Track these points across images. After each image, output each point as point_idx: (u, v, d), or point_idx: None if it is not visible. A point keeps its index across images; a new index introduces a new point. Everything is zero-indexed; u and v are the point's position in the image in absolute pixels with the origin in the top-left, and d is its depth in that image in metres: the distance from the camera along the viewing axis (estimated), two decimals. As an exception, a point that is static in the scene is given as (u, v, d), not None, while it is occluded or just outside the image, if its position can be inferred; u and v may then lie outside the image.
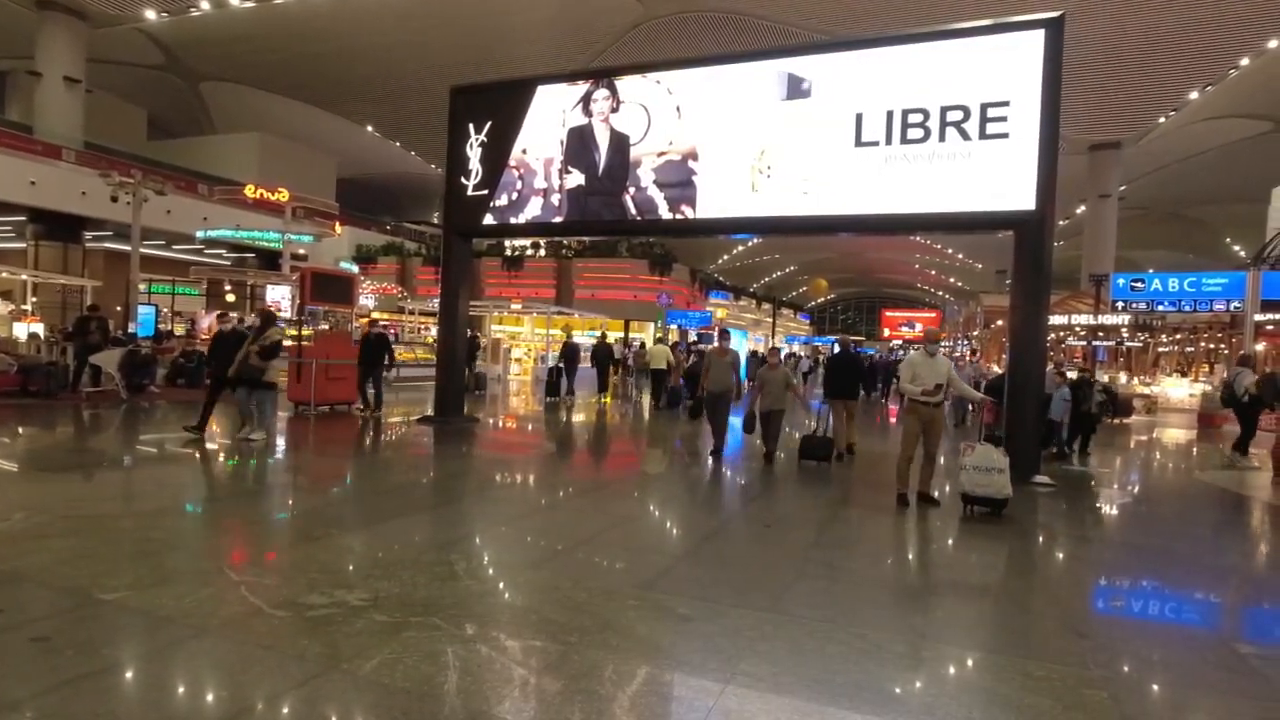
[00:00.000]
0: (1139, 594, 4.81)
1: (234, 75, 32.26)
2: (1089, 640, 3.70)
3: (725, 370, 9.21)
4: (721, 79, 9.78)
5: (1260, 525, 7.21)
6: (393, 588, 3.89)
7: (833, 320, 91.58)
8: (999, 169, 8.18)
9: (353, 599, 3.69)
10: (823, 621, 3.74)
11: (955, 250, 52.36)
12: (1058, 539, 6.15)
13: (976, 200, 8.29)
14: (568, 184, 10.71)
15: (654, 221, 10.29)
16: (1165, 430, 16.55)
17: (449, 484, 7.52)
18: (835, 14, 23.93)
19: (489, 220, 11.31)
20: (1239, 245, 42.94)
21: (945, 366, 6.99)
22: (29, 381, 11.84)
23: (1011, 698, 2.99)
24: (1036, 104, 8.01)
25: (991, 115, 8.22)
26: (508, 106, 11.16)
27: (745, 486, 7.64)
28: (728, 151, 9.61)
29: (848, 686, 3.01)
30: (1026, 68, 8.08)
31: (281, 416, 11.39)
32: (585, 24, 26.52)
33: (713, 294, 41.66)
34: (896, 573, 4.98)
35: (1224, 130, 30.23)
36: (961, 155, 8.34)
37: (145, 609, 3.46)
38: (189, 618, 3.37)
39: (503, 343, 23.34)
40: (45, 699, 2.60)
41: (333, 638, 3.22)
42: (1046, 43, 8.02)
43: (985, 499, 6.33)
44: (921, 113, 8.53)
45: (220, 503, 6.06)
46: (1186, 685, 3.25)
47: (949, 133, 8.39)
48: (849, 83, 8.99)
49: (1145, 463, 11.66)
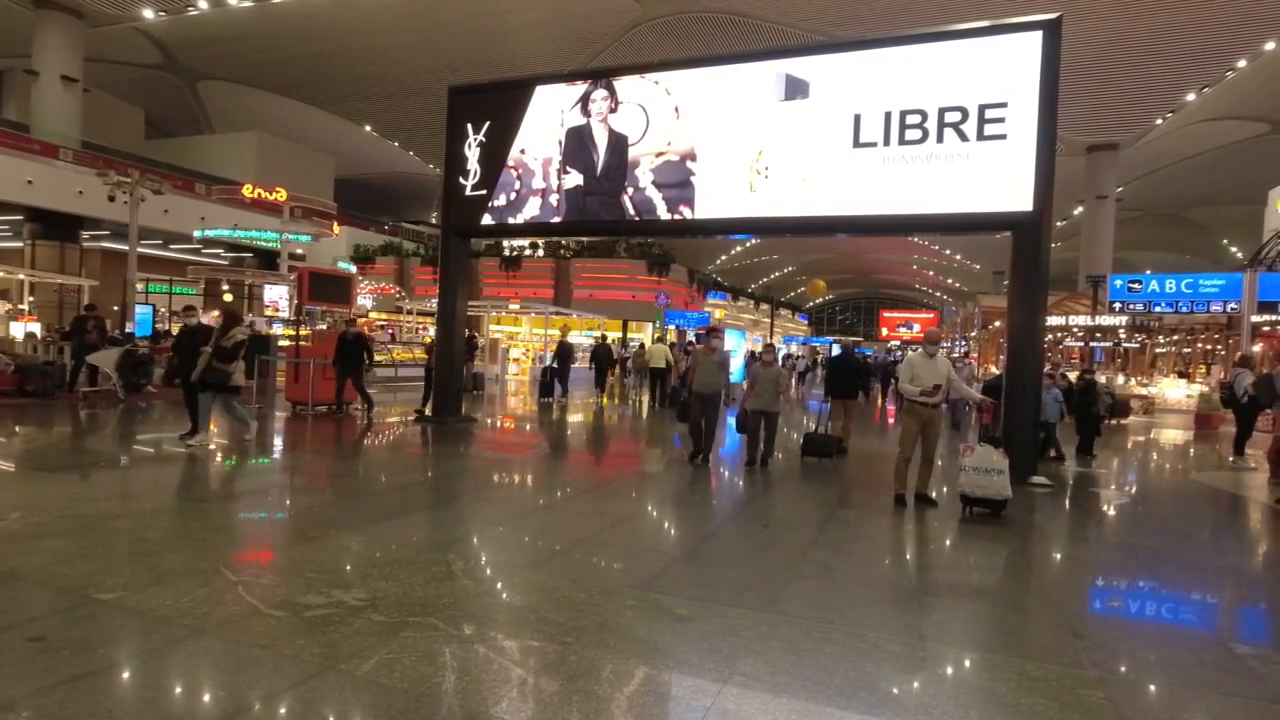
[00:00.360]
0: (1136, 595, 4.82)
1: (232, 75, 32.23)
2: (1086, 640, 3.71)
3: (713, 370, 8.73)
4: (720, 80, 9.78)
5: (1257, 526, 7.23)
6: (390, 587, 3.89)
7: (831, 321, 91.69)
8: (997, 170, 8.20)
9: (350, 599, 3.69)
10: (820, 622, 3.74)
11: (953, 251, 52.44)
12: (1055, 540, 6.16)
13: (974, 201, 8.31)
14: (566, 184, 10.70)
15: (652, 222, 10.29)
16: (1163, 431, 16.58)
17: (446, 484, 7.51)
18: (834, 15, 23.95)
19: (487, 220, 11.30)
20: (1236, 247, 43.06)
21: (945, 367, 7.00)
22: (26, 381, 11.82)
23: (1008, 698, 2.99)
24: (1034, 105, 8.03)
25: (989, 116, 8.23)
26: (506, 106, 11.16)
27: (743, 487, 7.64)
28: (726, 152, 9.62)
29: (845, 686, 3.02)
30: (1024, 69, 8.10)
31: (279, 416, 11.40)
32: (584, 24, 26.52)
33: (711, 294, 41.68)
34: (894, 573, 4.98)
35: (1221, 132, 30.31)
36: (960, 156, 8.36)
37: (142, 609, 3.46)
38: (185, 617, 3.37)
39: (501, 343, 23.34)
40: (41, 699, 2.59)
41: (330, 638, 3.22)
42: (1044, 44, 8.04)
43: (984, 500, 6.34)
44: (920, 114, 8.54)
45: (216, 502, 6.05)
46: (1183, 685, 3.26)
47: (947, 134, 8.40)
48: (847, 84, 9.00)
49: (1142, 463, 11.68)
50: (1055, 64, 8.04)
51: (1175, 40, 23.64)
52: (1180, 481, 10.02)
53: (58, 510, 5.12)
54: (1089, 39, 22.55)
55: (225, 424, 9.30)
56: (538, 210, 10.92)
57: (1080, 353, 32.18)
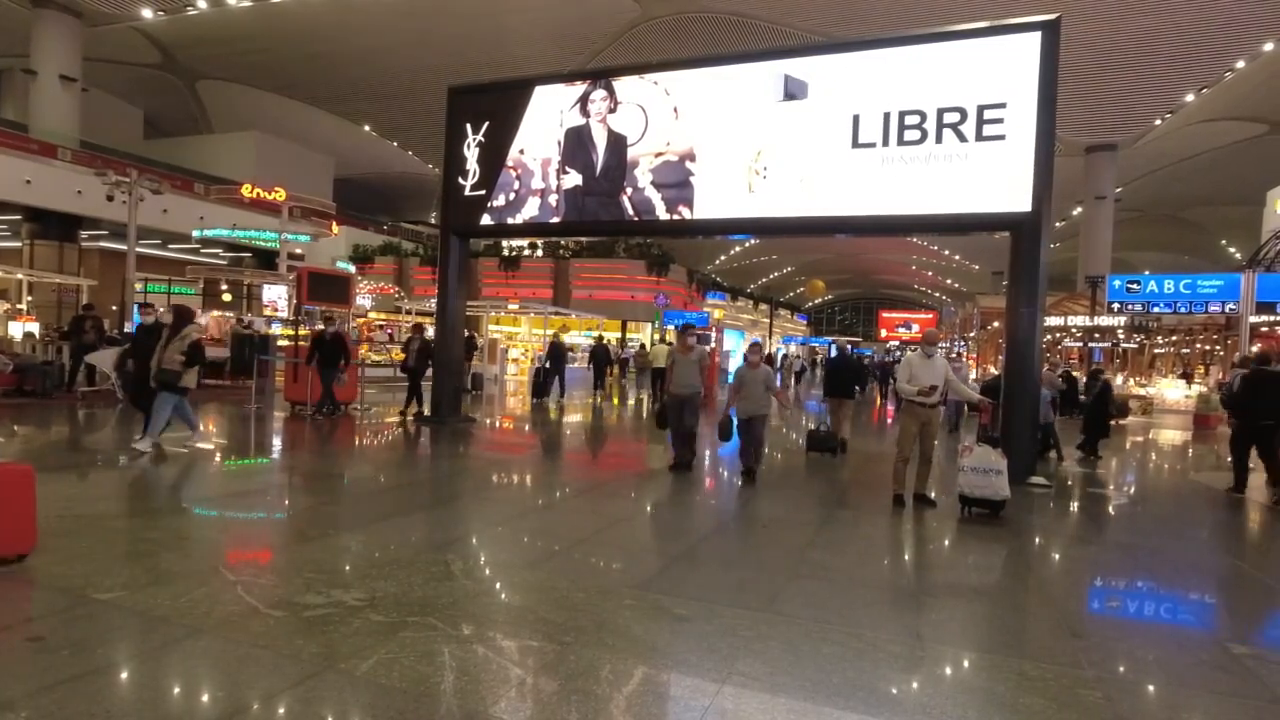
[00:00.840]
0: (1134, 595, 4.82)
1: (231, 74, 32.19)
2: (1084, 640, 3.72)
3: (691, 370, 8.08)
4: (719, 80, 9.79)
5: (1255, 527, 7.24)
6: (389, 587, 3.89)
7: (830, 321, 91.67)
8: (996, 171, 8.20)
9: (349, 599, 3.69)
10: (818, 622, 3.74)
11: (951, 251, 52.45)
12: (1053, 540, 6.16)
13: (973, 202, 8.31)
14: (565, 184, 10.70)
15: (651, 222, 10.29)
16: (1161, 431, 16.60)
17: (446, 483, 7.51)
18: (833, 15, 23.97)
19: (486, 220, 11.30)
20: (1234, 248, 43.11)
21: (943, 368, 7.00)
22: (24, 381, 11.81)
23: (1006, 697, 3.00)
24: (1033, 106, 8.04)
25: (988, 117, 8.24)
26: (505, 107, 11.16)
27: (741, 487, 7.64)
28: (725, 152, 9.62)
29: (843, 686, 3.02)
30: (1023, 70, 8.11)
31: (278, 416, 11.39)
32: (583, 25, 26.52)
33: (710, 295, 41.69)
34: (892, 573, 4.99)
35: (1220, 133, 30.35)
36: (958, 157, 8.36)
37: (141, 609, 3.46)
38: (184, 617, 3.37)
39: (500, 343, 23.32)
40: (40, 699, 2.59)
41: (329, 637, 3.22)
42: (1043, 45, 8.04)
43: (983, 500, 6.34)
44: (918, 114, 8.55)
45: (215, 502, 6.05)
46: (1180, 685, 3.26)
47: (946, 134, 8.41)
48: (846, 84, 9.00)
49: (1141, 464, 11.69)
50: (1054, 65, 8.05)
51: (1174, 41, 23.67)
52: (1179, 481, 10.03)
53: (56, 510, 5.10)
54: (1088, 39, 22.58)
55: (234, 422, 9.25)
56: (537, 210, 10.92)
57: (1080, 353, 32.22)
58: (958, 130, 8.36)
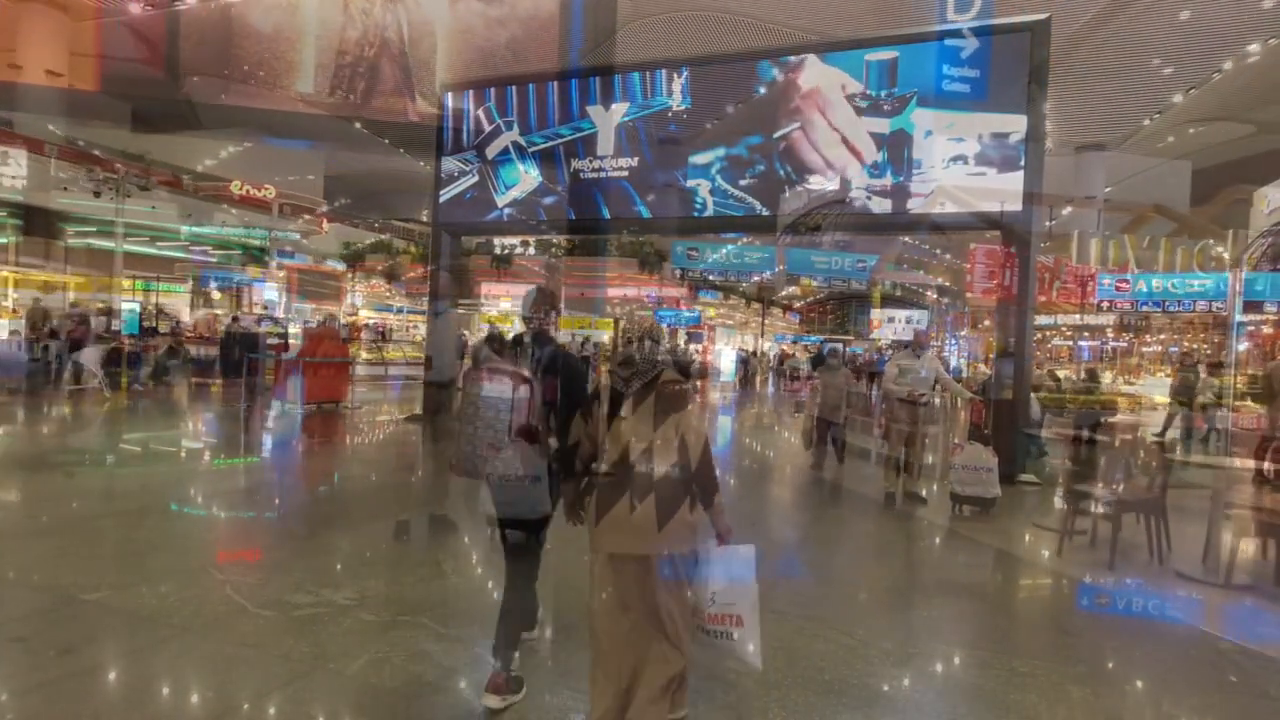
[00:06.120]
0: (1123, 591, 4.85)
1: (220, 70, 31.91)
2: (1073, 637, 3.74)
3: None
4: (712, 77, 9.79)
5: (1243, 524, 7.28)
6: (380, 586, 3.86)
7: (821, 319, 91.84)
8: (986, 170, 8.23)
9: (339, 598, 3.66)
10: (809, 620, 3.74)
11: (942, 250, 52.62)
12: (1044, 537, 6.19)
13: (964, 200, 8.34)
14: (557, 181, 10.67)
15: (644, 218, 10.26)
16: (1150, 429, 16.68)
17: (437, 482, 7.46)
18: (826, 15, 23.99)
19: (478, 218, 11.26)
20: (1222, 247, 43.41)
21: (932, 365, 7.02)
22: (9, 378, 11.68)
23: (997, 694, 3.01)
24: (1023, 106, 8.06)
25: (980, 116, 8.25)
26: (497, 103, 11.09)
27: (732, 485, 7.64)
28: (722, 150, 9.62)
29: (835, 684, 3.02)
30: (1013, 70, 8.13)
31: (271, 415, 11.30)
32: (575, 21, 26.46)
33: (702, 293, 41.64)
34: (883, 571, 5.00)
35: (1209, 133, 30.55)
36: (950, 156, 8.38)
37: (128, 609, 3.42)
38: (172, 617, 3.33)
39: (492, 341, 23.20)
40: (26, 699, 2.56)
41: (319, 637, 3.20)
42: (1032, 45, 8.07)
43: (974, 498, 6.37)
44: (910, 113, 8.55)
45: (203, 501, 5.99)
46: (1169, 681, 3.28)
47: (938, 133, 8.42)
48: (838, 82, 9.00)
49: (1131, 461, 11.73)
50: (1044, 64, 8.08)
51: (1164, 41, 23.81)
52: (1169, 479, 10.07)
53: (41, 509, 5.06)
54: (1079, 40, 22.68)
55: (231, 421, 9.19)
56: (530, 208, 10.89)
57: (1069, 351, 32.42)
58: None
